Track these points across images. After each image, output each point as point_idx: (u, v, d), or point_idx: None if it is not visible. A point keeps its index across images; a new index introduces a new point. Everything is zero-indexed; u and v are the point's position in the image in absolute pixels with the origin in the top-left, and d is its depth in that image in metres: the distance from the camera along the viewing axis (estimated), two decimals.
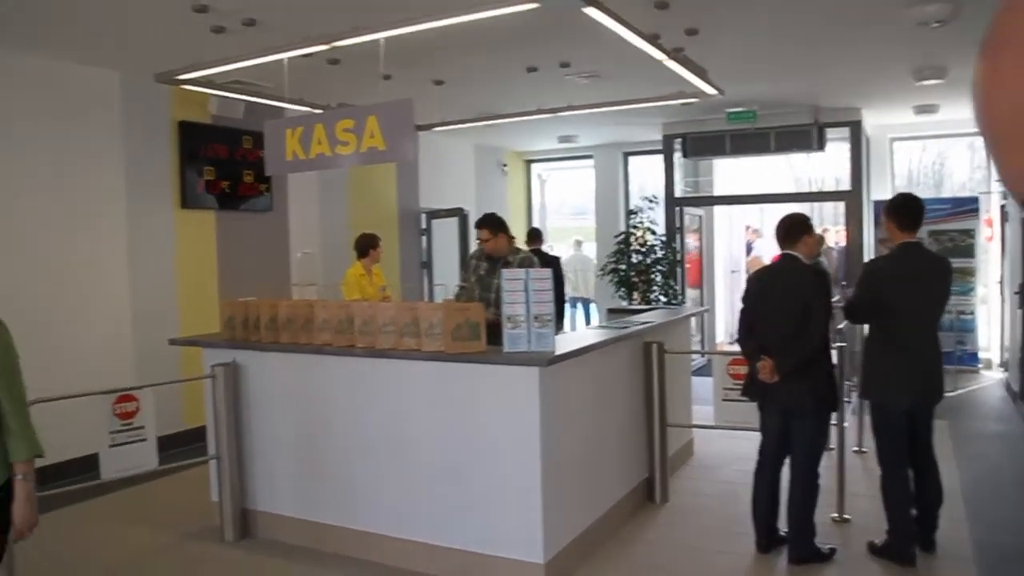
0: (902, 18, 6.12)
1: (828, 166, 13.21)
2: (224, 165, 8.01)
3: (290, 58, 5.53)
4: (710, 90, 6.75)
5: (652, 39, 5.83)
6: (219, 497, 5.07)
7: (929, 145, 16.08)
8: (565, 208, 19.72)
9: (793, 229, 4.46)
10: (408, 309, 4.36)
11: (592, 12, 4.38)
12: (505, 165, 13.43)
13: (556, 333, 5.14)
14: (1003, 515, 5.32)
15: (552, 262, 9.07)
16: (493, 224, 5.90)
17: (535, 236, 9.19)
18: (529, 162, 14.36)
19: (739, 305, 4.76)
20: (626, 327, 5.41)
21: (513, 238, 6.11)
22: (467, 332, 4.11)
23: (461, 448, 4.30)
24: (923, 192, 16.18)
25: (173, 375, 6.62)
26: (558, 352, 4.12)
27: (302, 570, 4.62)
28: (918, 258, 4.45)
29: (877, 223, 10.99)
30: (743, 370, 4.85)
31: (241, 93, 7.07)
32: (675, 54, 5.86)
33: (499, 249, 5.83)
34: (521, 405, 4.06)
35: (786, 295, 4.35)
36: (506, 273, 4.19)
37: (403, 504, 4.52)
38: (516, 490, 4.14)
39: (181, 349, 6.29)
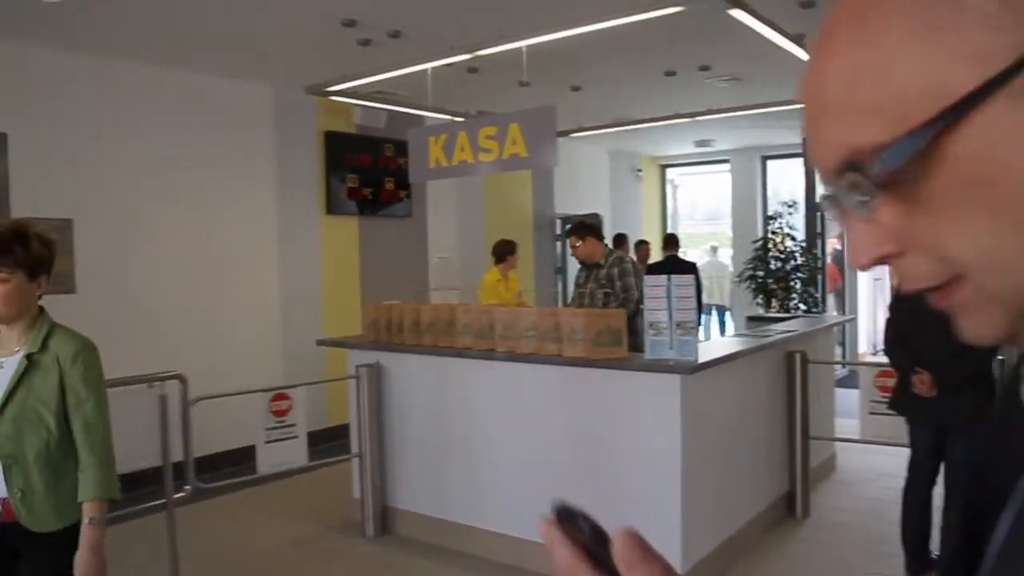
0: None
1: None
2: (366, 172, 8.28)
3: (433, 68, 5.67)
4: None
5: (797, 39, 5.69)
6: (360, 494, 5.24)
7: None
8: (697, 214, 19.40)
9: None
10: (549, 314, 4.39)
11: (737, 13, 4.32)
12: (640, 170, 13.34)
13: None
14: None
15: (690, 268, 8.97)
16: (579, 229, 5.93)
17: (671, 242, 9.08)
18: (664, 167, 14.21)
19: (884, 314, 4.55)
20: (768, 335, 5.27)
21: (603, 242, 6.08)
22: (608, 338, 4.10)
23: (600, 454, 4.29)
24: None
25: (318, 375, 6.90)
26: (701, 360, 4.06)
27: (435, 567, 4.73)
28: None
29: None
30: (892, 382, 4.64)
31: (383, 103, 7.31)
32: None
33: (591, 255, 5.87)
34: (663, 413, 4.02)
35: None
36: (649, 279, 4.16)
37: (538, 509, 4.52)
38: (655, 498, 4.10)
39: (326, 350, 6.53)
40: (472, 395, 4.85)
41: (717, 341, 5.20)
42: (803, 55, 5.47)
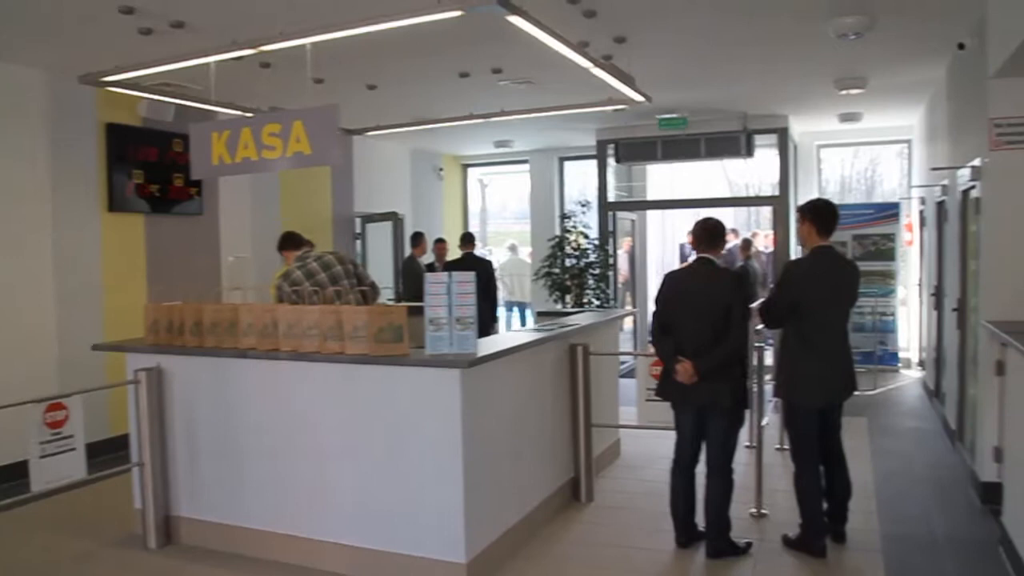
0: (821, 30, 6.33)
1: (760, 170, 13.55)
2: (154, 168, 7.92)
3: (218, 61, 5.53)
4: (637, 97, 6.90)
5: (580, 47, 5.95)
6: (142, 504, 5.03)
7: (862, 152, 16.56)
8: (507, 212, 19.82)
9: (712, 234, 4.61)
10: (332, 312, 4.39)
11: (516, 20, 4.47)
12: (441, 169, 13.49)
13: (490, 336, 5.22)
14: (911, 508, 5.54)
15: (484, 265, 9.19)
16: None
17: (467, 240, 9.26)
18: (466, 166, 14.44)
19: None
20: (552, 329, 5.51)
21: (303, 246, 6.17)
22: (390, 335, 4.16)
23: (384, 449, 4.35)
24: (854, 198, 16.67)
25: (99, 382, 6.53)
26: (480, 354, 4.20)
27: (222, 574, 4.62)
28: (831, 261, 4.65)
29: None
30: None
31: (171, 96, 7.02)
32: (602, 62, 5.98)
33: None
34: (443, 406, 4.13)
35: (705, 297, 4.49)
36: (430, 276, 4.26)
37: (326, 507, 4.54)
38: (438, 490, 4.20)
39: (107, 355, 6.20)
40: (257, 397, 4.78)
41: (501, 336, 5.39)
42: (583, 62, 5.74)
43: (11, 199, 6.69)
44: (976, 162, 5.77)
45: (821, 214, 4.66)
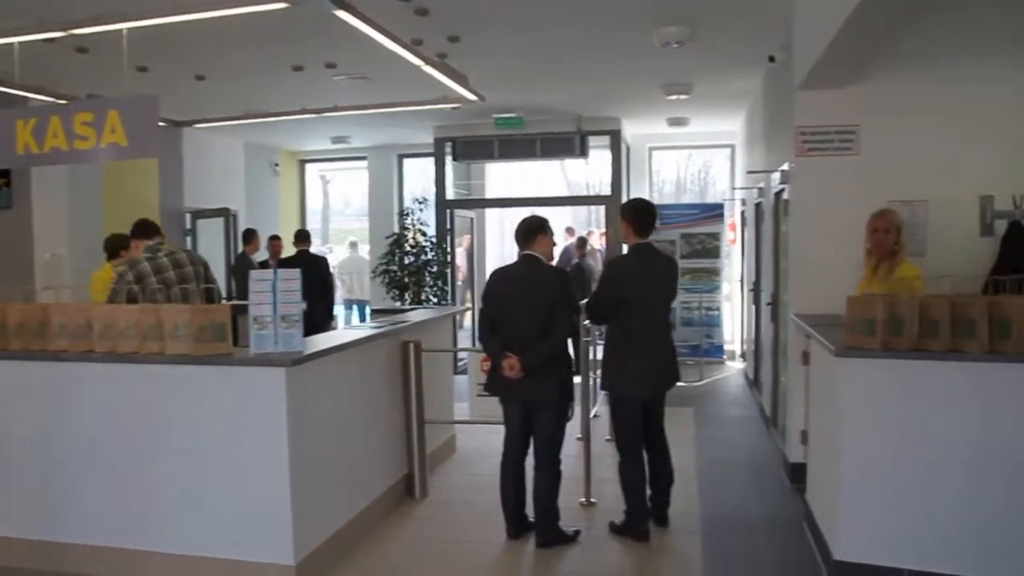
0: (647, 38, 6.61)
1: (596, 171, 13.96)
2: None
3: (23, 42, 5.17)
4: (471, 96, 6.98)
5: (414, 44, 5.96)
6: None
7: (695, 155, 17.31)
8: (349, 210, 19.53)
9: (530, 231, 4.72)
10: (151, 311, 4.21)
11: (343, 15, 4.43)
12: (277, 164, 13.15)
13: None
14: (729, 491, 5.86)
15: (319, 263, 9.03)
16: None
17: (302, 237, 9.06)
18: (303, 162, 14.14)
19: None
20: (383, 326, 5.48)
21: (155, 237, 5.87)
22: (212, 334, 4.03)
23: (208, 452, 4.20)
24: (688, 198, 17.43)
25: None
26: (307, 352, 4.13)
27: None
28: (652, 258, 4.86)
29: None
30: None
31: None
32: (434, 60, 6.01)
33: None
34: (268, 406, 4.03)
35: (531, 294, 4.59)
36: (254, 274, 4.15)
37: (149, 515, 4.34)
38: (264, 492, 4.10)
39: None
40: (70, 402, 4.48)
41: (331, 333, 5.32)
42: (417, 61, 5.74)
43: None
44: (785, 166, 6.17)
45: (639, 213, 4.87)
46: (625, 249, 5.01)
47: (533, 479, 4.78)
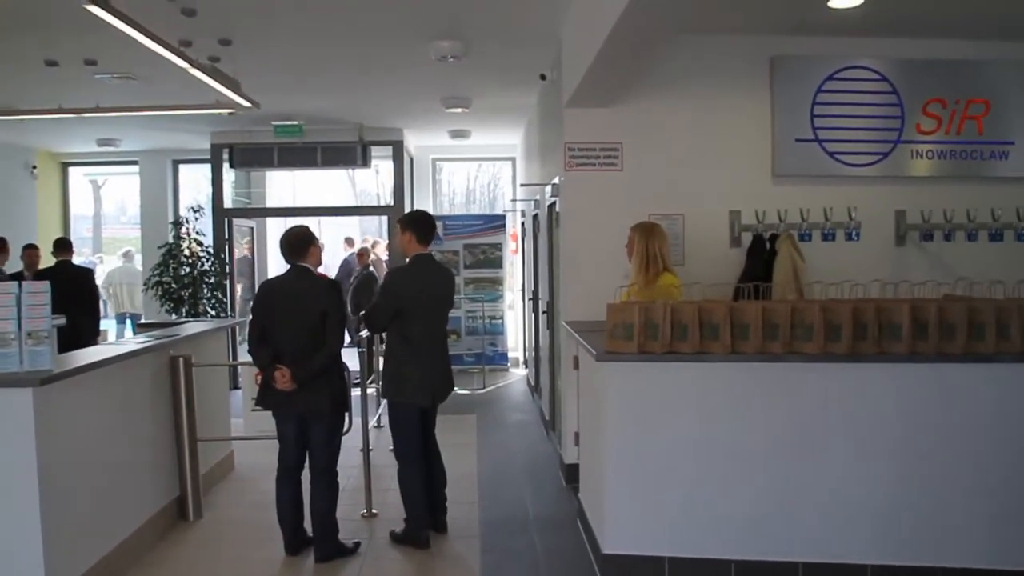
0: (424, 51, 6.68)
1: (386, 181, 13.93)
2: None
3: None
4: (244, 102, 6.77)
5: (182, 45, 5.70)
6: None
7: (484, 166, 17.63)
8: (125, 217, 18.38)
9: (299, 241, 4.66)
10: None
11: (95, 10, 4.17)
12: (35, 167, 12.13)
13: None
14: (509, 493, 6.03)
15: (83, 274, 8.44)
16: None
17: (62, 247, 8.39)
18: (66, 165, 13.12)
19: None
20: (149, 341, 5.20)
21: None
22: None
23: None
24: (477, 209, 17.72)
25: None
26: (58, 370, 3.84)
27: None
28: (430, 268, 4.94)
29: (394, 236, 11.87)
30: None
31: None
32: (201, 63, 5.78)
33: None
34: (13, 430, 3.69)
35: (301, 305, 4.53)
36: None
37: None
38: (11, 526, 3.74)
39: None
40: None
41: (92, 349, 4.95)
42: (182, 63, 5.50)
43: None
44: (556, 180, 6.45)
45: (420, 225, 4.93)
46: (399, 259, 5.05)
47: (310, 493, 4.71)
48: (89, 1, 4.02)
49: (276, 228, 13.37)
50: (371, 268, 11.80)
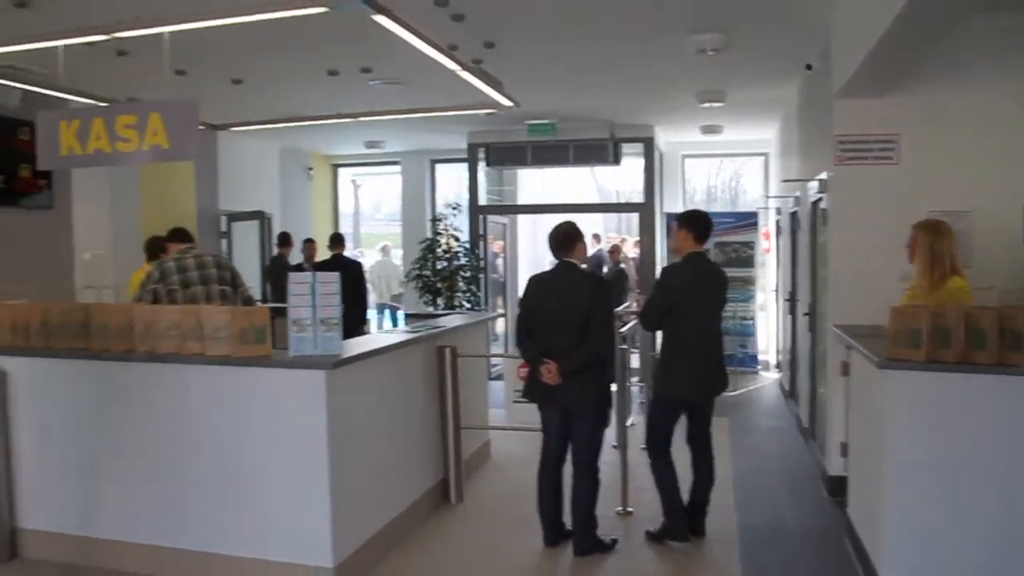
0: (682, 45, 6.56)
1: (628, 178, 13.91)
2: None
3: (67, 46, 5.22)
4: (506, 102, 6.96)
5: (449, 50, 5.95)
6: None
7: (726, 163, 17.22)
8: (380, 214, 19.58)
9: (566, 238, 4.70)
10: (192, 313, 4.23)
11: (382, 20, 4.43)
12: (311, 168, 13.23)
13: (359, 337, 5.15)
14: (768, 502, 5.79)
15: (354, 267, 9.06)
16: None
17: (336, 241, 9.10)
18: (336, 166, 14.21)
19: None
20: (419, 331, 5.48)
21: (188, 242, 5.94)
22: (252, 336, 4.04)
23: (247, 453, 4.21)
24: (719, 207, 17.33)
25: None
26: (345, 355, 4.13)
27: None
28: (705, 267, 4.88)
29: (669, 234, 11.70)
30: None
31: (16, 80, 6.60)
32: (469, 65, 6.00)
33: None
34: (308, 408, 4.04)
35: (568, 300, 4.57)
36: (293, 277, 4.15)
37: (187, 513, 4.37)
38: (304, 494, 4.10)
39: None
40: (112, 400, 4.53)
41: (368, 337, 5.31)
42: (453, 66, 5.74)
43: None
44: (823, 175, 6.10)
45: (698, 223, 4.87)
46: (663, 256, 4.98)
47: (572, 487, 4.75)
48: (377, 12, 4.26)
49: (526, 225, 13.72)
50: (621, 265, 11.81)
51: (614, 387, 5.32)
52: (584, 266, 4.81)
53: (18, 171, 7.62)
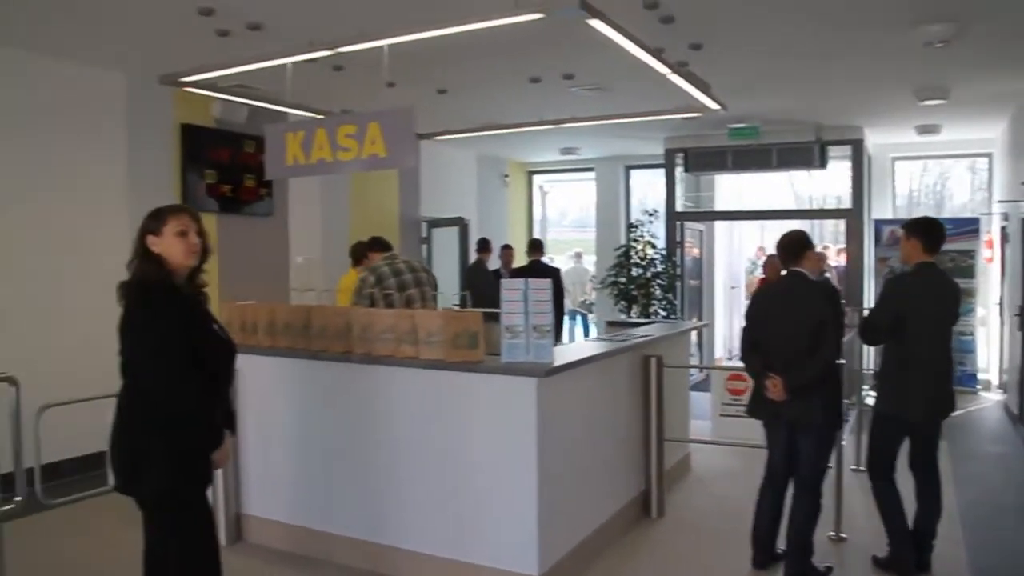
0: (907, 37, 6.13)
1: (828, 183, 13.23)
2: (226, 169, 8.01)
3: (294, 63, 5.53)
4: (713, 105, 6.74)
5: (656, 53, 5.83)
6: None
7: (930, 165, 16.09)
8: (565, 221, 19.70)
9: (795, 246, 4.46)
10: (406, 316, 4.34)
11: (597, 24, 4.37)
12: (506, 175, 13.45)
13: (555, 344, 5.13)
14: (999, 538, 5.28)
15: (553, 273, 9.08)
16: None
17: (535, 247, 9.16)
18: (531, 173, 14.37)
19: (739, 321, 4.75)
20: (625, 340, 5.38)
21: (374, 253, 6.07)
22: (466, 341, 4.09)
23: (457, 456, 4.27)
24: (923, 212, 16.20)
25: None
26: (556, 363, 4.09)
27: (290, 574, 4.60)
28: (936, 278, 4.51)
29: (878, 242, 10.99)
30: (742, 386, 4.84)
31: (244, 97, 7.07)
32: (678, 68, 5.85)
33: None
34: (518, 415, 4.04)
35: (796, 312, 4.33)
36: (505, 283, 4.17)
37: (396, 512, 4.48)
38: (512, 500, 4.11)
39: None
40: (329, 399, 4.74)
41: (576, 345, 5.27)
42: (661, 67, 5.61)
43: (90, 197, 6.82)
44: None
45: (930, 232, 4.54)
46: (871, 267, 4.63)
47: (791, 507, 4.49)
48: (592, 16, 4.21)
49: (722, 232, 13.34)
50: (827, 275, 11.23)
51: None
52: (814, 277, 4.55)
53: (243, 181, 8.19)
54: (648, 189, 13.91)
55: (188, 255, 3.10)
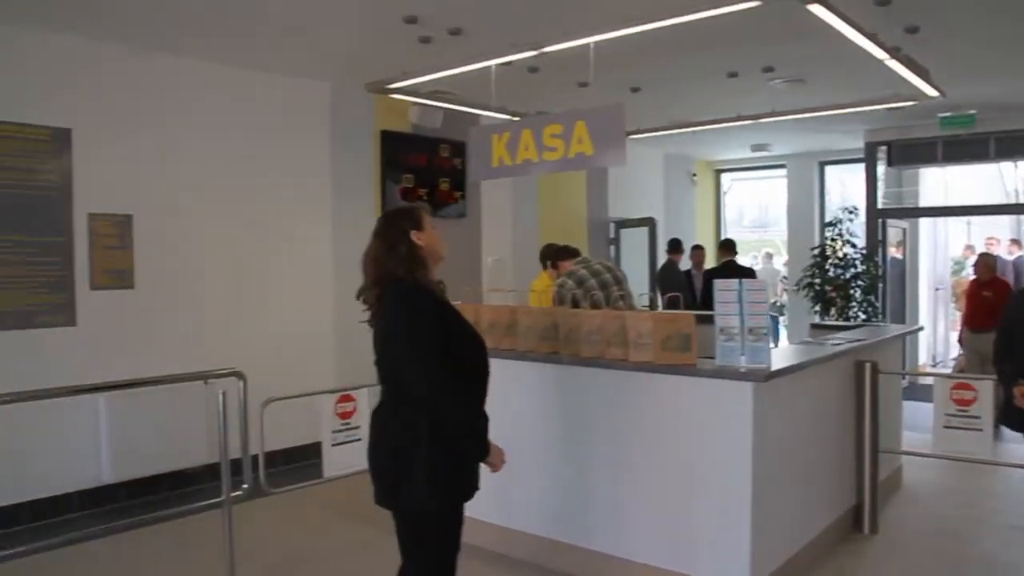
0: None
1: None
2: (422, 173, 8.24)
3: (497, 65, 5.59)
4: (931, 91, 6.28)
5: (872, 37, 5.51)
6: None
7: None
8: (745, 220, 19.14)
9: None
10: (615, 318, 4.27)
11: (816, 9, 4.16)
12: (695, 174, 13.15)
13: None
14: None
15: (748, 274, 8.77)
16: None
17: (727, 247, 8.87)
18: (719, 172, 13.99)
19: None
20: (839, 344, 5.09)
21: (564, 262, 6.00)
22: (677, 343, 3.97)
23: (669, 462, 4.15)
24: None
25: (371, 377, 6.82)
26: (774, 368, 3.91)
27: (494, 573, 4.63)
28: None
29: None
30: (970, 396, 4.47)
31: (440, 102, 7.25)
32: (896, 53, 5.49)
33: None
34: (734, 421, 3.88)
35: None
36: (719, 284, 4.02)
37: (599, 517, 4.42)
38: (725, 509, 3.95)
39: None
40: (535, 400, 4.72)
41: (785, 349, 5.02)
42: (879, 53, 5.28)
43: (297, 203, 7.19)
44: None
45: None
46: None
47: None
48: (812, 2, 4.00)
49: (927, 229, 12.50)
50: None
51: None
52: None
53: (439, 184, 8.40)
54: (839, 186, 13.23)
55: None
